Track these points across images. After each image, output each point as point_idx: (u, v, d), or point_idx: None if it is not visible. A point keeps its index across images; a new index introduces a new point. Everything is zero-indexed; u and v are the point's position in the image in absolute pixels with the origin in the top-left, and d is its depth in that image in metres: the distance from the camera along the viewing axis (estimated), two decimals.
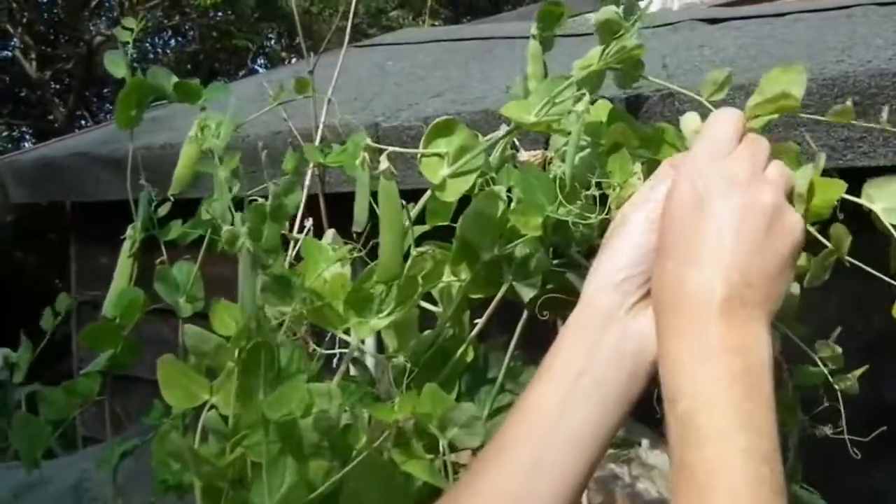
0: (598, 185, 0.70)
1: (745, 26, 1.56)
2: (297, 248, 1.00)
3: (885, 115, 0.66)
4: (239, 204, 0.94)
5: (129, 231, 0.99)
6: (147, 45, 9.08)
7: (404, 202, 0.82)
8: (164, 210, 1.01)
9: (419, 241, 0.89)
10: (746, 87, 0.97)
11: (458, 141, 0.77)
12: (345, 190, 1.20)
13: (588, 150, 0.76)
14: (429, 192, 0.82)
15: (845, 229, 0.62)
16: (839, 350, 0.72)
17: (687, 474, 0.48)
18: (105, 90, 9.89)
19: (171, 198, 0.99)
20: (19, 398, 1.26)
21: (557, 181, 0.72)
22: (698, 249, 0.53)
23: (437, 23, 8.27)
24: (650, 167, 0.68)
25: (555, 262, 0.79)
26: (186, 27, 9.17)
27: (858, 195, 0.61)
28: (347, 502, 0.74)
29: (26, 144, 9.59)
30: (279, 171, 1.03)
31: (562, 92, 0.76)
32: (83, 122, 8.72)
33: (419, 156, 0.78)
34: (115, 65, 0.96)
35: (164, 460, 0.89)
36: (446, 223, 0.89)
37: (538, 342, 0.83)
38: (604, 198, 0.69)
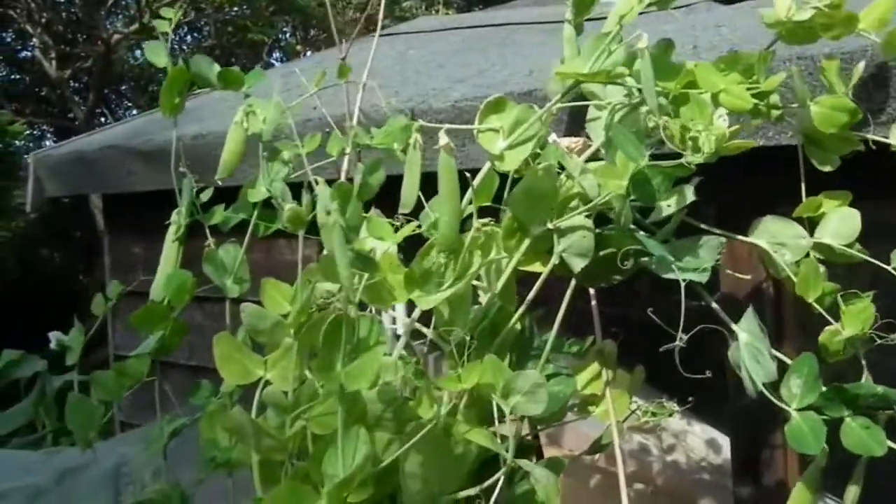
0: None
1: (760, 5, 1.56)
2: None
3: None
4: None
5: (173, 216, 1.02)
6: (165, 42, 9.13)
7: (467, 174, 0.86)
8: (206, 196, 1.04)
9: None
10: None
11: (511, 116, 0.83)
12: None
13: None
14: (486, 166, 0.87)
15: None
16: None
17: None
18: (123, 87, 9.96)
19: (220, 182, 1.02)
20: (57, 387, 1.28)
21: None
22: None
23: (450, 11, 8.26)
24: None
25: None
26: (202, 23, 9.21)
27: None
28: (409, 473, 0.76)
29: (47, 143, 9.68)
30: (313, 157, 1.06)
31: (612, 41, 0.82)
32: (103, 119, 8.79)
33: (476, 131, 0.83)
34: (156, 54, 0.99)
35: (213, 438, 0.92)
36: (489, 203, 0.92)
37: (579, 314, 0.86)
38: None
